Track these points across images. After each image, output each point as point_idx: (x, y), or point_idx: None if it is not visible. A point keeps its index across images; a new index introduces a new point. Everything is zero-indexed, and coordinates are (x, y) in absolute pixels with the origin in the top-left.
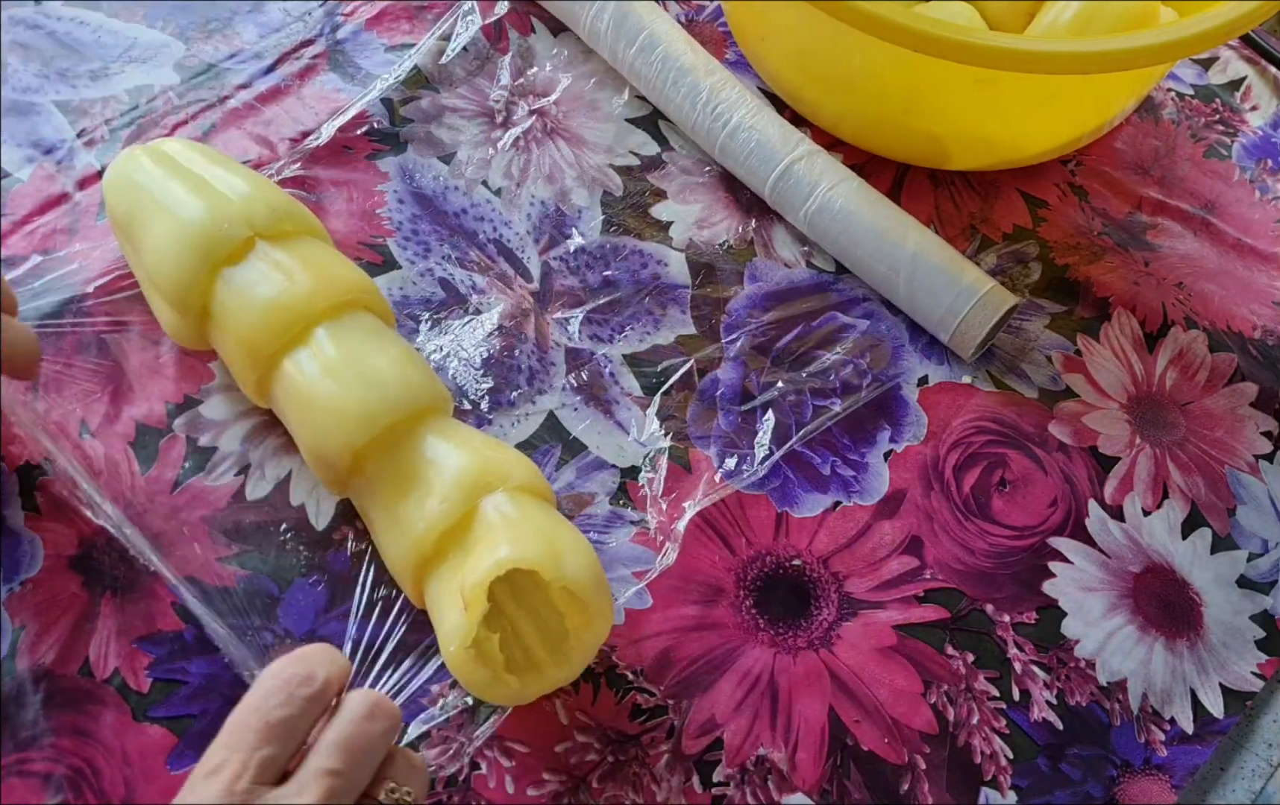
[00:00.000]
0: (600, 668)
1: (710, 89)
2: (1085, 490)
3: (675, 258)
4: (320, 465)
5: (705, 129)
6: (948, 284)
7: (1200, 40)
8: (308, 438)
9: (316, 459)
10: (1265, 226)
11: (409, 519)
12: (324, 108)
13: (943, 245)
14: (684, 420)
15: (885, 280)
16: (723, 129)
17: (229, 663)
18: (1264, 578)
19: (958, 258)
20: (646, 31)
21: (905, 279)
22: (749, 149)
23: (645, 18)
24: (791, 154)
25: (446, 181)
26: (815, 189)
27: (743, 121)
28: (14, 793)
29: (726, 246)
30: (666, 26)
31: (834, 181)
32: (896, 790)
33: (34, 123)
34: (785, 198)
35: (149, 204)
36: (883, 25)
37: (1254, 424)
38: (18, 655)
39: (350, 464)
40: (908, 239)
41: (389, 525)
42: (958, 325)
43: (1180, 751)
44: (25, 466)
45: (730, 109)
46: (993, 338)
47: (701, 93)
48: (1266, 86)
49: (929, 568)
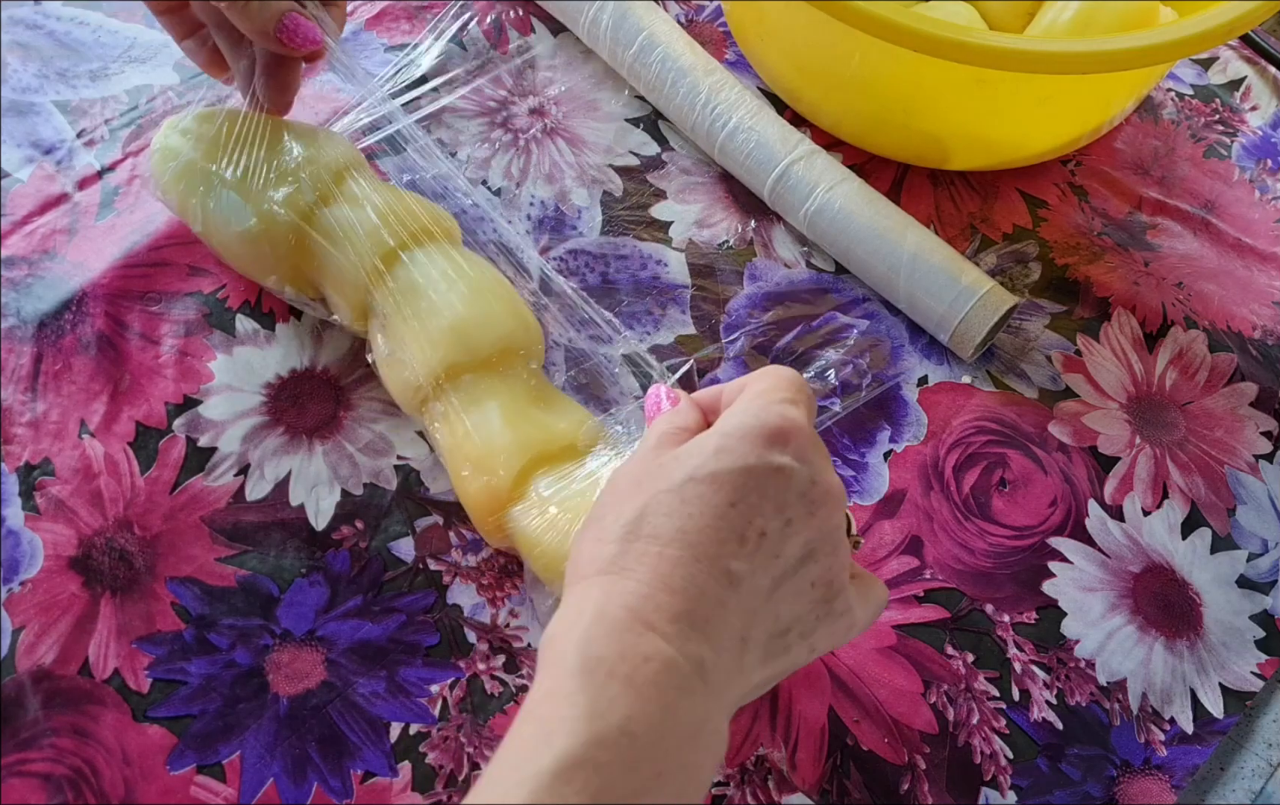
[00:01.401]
0: None
1: (709, 89)
2: (1085, 490)
3: (675, 258)
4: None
5: (705, 130)
6: (947, 284)
7: (1200, 40)
8: (424, 343)
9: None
10: (1265, 226)
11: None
12: (324, 107)
13: (942, 245)
14: None
15: (885, 280)
16: (722, 129)
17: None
18: (1264, 578)
19: (957, 258)
20: (645, 32)
21: (905, 279)
22: (748, 149)
23: (644, 18)
24: (791, 154)
25: (446, 181)
26: (814, 189)
27: (742, 122)
28: (14, 793)
29: (726, 246)
30: (665, 27)
31: (833, 182)
32: (896, 790)
33: (33, 123)
34: (784, 198)
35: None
36: (883, 25)
37: (1254, 424)
38: (17, 656)
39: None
40: (907, 239)
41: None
42: (957, 325)
43: (1180, 751)
44: (25, 466)
45: (729, 109)
46: (992, 337)
47: (701, 93)
48: (1266, 86)
49: (929, 568)
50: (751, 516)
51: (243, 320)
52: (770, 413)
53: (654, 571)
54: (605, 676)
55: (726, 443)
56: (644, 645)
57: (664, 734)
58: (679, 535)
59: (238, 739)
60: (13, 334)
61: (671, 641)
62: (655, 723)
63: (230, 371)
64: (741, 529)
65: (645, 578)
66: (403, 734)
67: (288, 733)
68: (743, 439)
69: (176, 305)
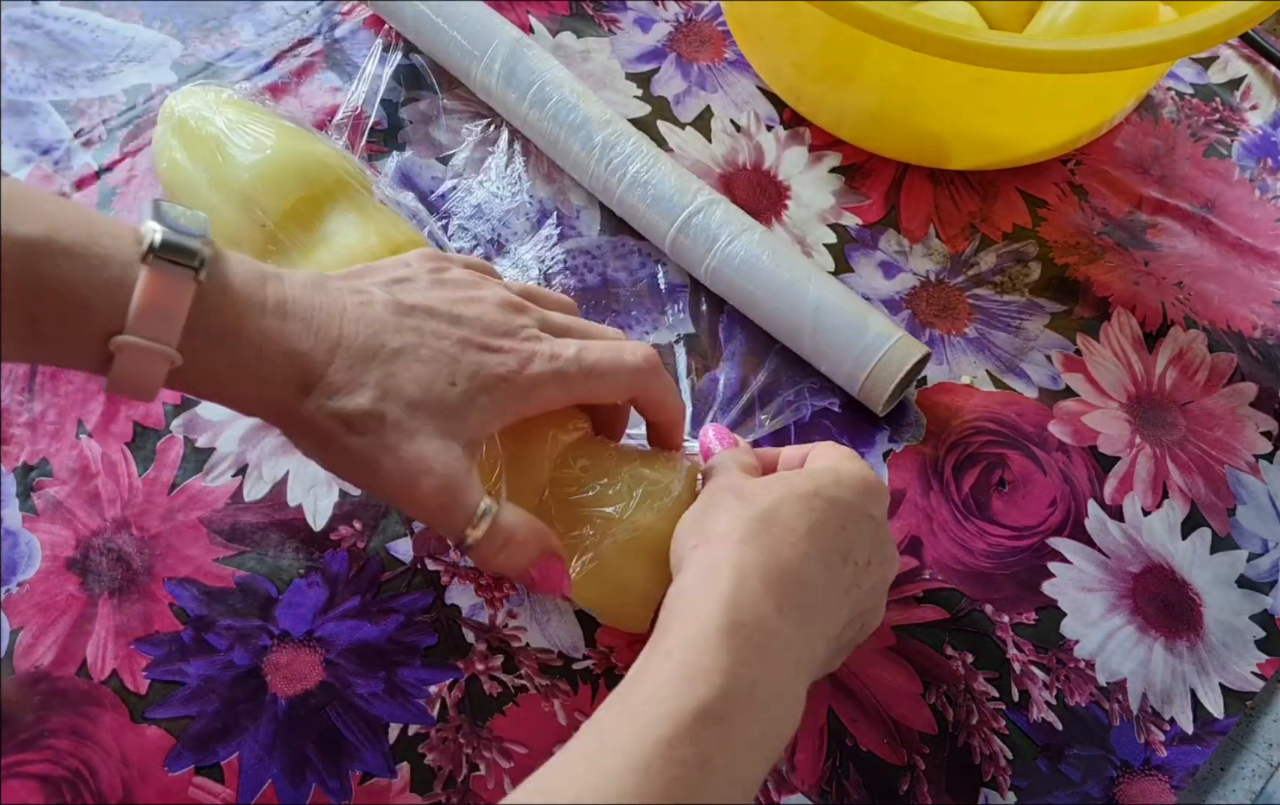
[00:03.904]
0: (599, 669)
1: (604, 142)
2: (1085, 490)
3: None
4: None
5: (602, 183)
6: (852, 338)
7: (1199, 39)
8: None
9: None
10: (1265, 226)
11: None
12: (322, 106)
13: (847, 295)
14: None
15: (790, 335)
16: (619, 183)
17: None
18: (1264, 578)
19: (862, 309)
20: (537, 84)
21: (809, 333)
22: (645, 202)
23: (536, 67)
24: (689, 206)
25: (445, 182)
26: (715, 244)
27: (638, 175)
28: (12, 794)
29: None
30: (557, 74)
31: (732, 235)
32: (896, 791)
33: (31, 123)
34: (686, 253)
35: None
36: (883, 25)
37: (1254, 424)
38: (15, 657)
39: None
40: (809, 292)
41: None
42: (864, 381)
43: (1180, 752)
44: (23, 467)
45: (625, 162)
46: (905, 390)
47: (595, 146)
48: (1266, 85)
49: (928, 568)
50: (852, 545)
51: None
52: (868, 471)
53: (788, 554)
54: (743, 641)
55: (841, 480)
56: (773, 621)
57: (774, 700)
58: (809, 532)
59: (236, 740)
60: None
61: (791, 623)
62: (773, 690)
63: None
64: (845, 551)
65: (782, 556)
66: (401, 735)
67: (286, 733)
68: (853, 482)
69: None
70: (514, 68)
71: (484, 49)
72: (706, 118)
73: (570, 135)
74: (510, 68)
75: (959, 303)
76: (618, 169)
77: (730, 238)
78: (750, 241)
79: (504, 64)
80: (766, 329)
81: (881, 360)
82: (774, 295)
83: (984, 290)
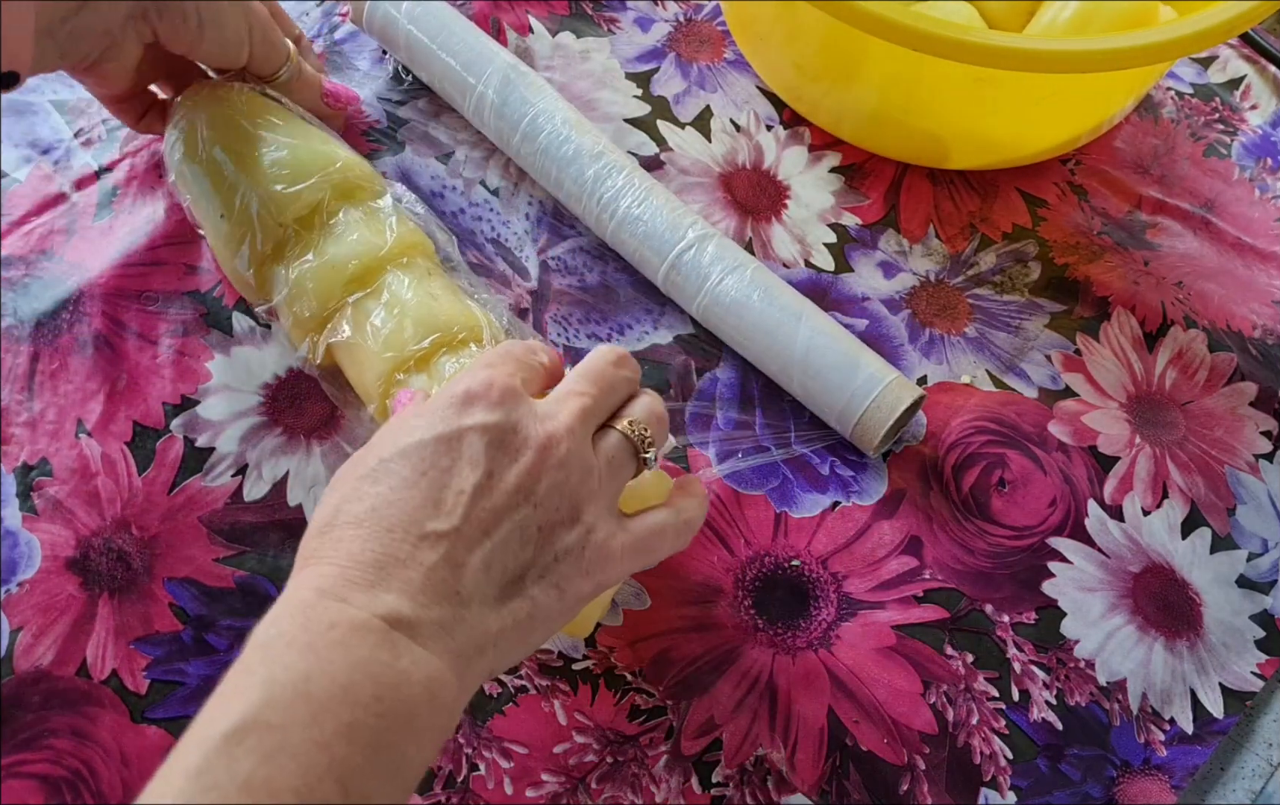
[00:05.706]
0: (599, 669)
1: (595, 176)
2: (1085, 490)
3: None
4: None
5: (594, 219)
6: (841, 383)
7: (1199, 39)
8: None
9: None
10: (1265, 225)
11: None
12: None
13: (838, 335)
14: (683, 420)
15: (782, 375)
16: (610, 219)
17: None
18: (1264, 577)
19: (854, 350)
20: (529, 116)
21: (799, 372)
22: (637, 239)
23: (529, 98)
24: (680, 244)
25: (444, 181)
26: (706, 281)
27: (629, 212)
28: (12, 794)
29: None
30: (549, 104)
31: (724, 272)
32: (896, 790)
33: (31, 122)
34: (679, 291)
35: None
36: (883, 25)
37: (1254, 423)
38: (15, 657)
39: None
40: (799, 334)
41: None
42: (855, 425)
43: (1180, 752)
44: (23, 466)
45: (616, 197)
46: (900, 431)
47: (587, 180)
48: (1266, 85)
49: (928, 568)
50: (446, 480)
51: (239, 318)
52: (460, 382)
53: (345, 552)
54: (284, 647)
55: (417, 420)
56: (329, 614)
57: (353, 687)
58: (370, 514)
59: None
60: (10, 333)
61: (362, 607)
62: (341, 680)
63: (228, 371)
64: (436, 494)
65: (338, 559)
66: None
67: None
68: (432, 412)
69: (174, 305)
70: (504, 101)
71: (478, 76)
72: (706, 117)
73: (562, 170)
74: (500, 102)
75: (959, 302)
76: (609, 205)
77: (721, 275)
78: (741, 280)
79: (497, 92)
80: (759, 368)
81: (873, 404)
82: (762, 336)
83: (984, 290)
